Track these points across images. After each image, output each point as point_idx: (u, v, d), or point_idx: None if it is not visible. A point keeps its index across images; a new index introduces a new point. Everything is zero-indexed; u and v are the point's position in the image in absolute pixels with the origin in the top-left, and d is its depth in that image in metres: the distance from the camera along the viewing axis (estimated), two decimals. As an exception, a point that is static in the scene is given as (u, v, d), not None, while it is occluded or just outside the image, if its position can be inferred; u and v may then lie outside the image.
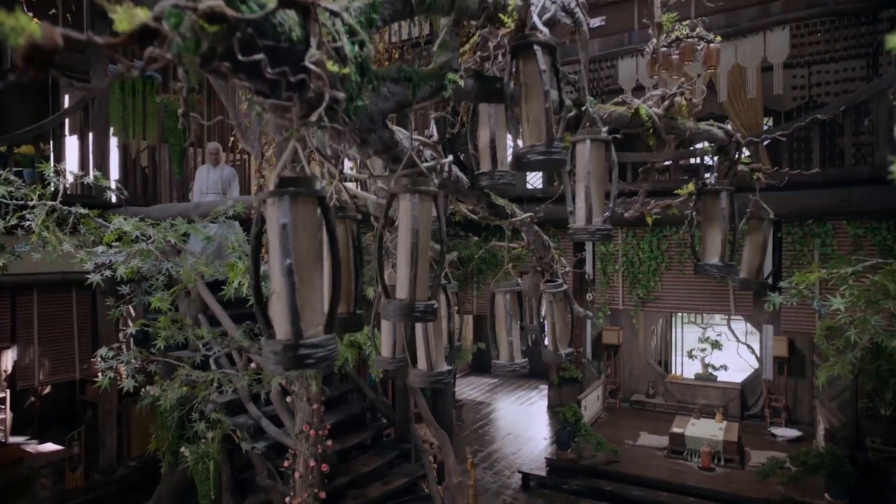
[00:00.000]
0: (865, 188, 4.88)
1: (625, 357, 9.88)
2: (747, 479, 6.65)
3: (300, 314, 1.18)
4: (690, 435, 7.26)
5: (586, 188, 2.04)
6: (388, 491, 5.51)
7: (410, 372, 2.11)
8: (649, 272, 5.83)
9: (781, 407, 8.56)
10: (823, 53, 7.71)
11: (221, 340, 4.27)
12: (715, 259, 2.38)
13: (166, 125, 5.86)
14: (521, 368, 2.53)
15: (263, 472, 5.40)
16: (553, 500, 6.78)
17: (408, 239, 1.55)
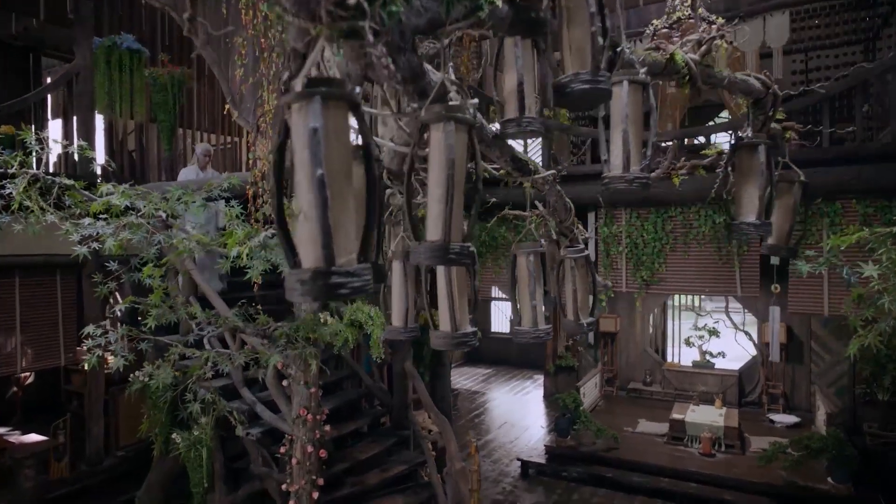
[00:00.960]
0: (874, 165, 4.79)
1: (622, 345, 9.79)
2: (748, 464, 6.59)
3: (332, 237, 1.01)
4: (691, 421, 7.18)
5: (623, 133, 1.88)
6: (387, 478, 5.35)
7: (432, 334, 1.95)
8: (653, 254, 5.72)
9: (779, 393, 8.52)
10: (823, 39, 7.63)
11: (215, 321, 4.08)
12: (752, 217, 2.23)
13: (155, 100, 5.61)
14: (545, 335, 2.38)
15: (258, 459, 5.22)
16: (553, 487, 6.67)
17: (442, 171, 1.38)
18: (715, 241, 5.52)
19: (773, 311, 5.17)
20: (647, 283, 5.82)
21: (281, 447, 4.79)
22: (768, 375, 8.69)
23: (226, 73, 5.07)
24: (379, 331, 4.27)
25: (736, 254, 5.47)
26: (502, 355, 13.55)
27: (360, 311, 4.16)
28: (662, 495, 6.34)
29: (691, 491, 6.27)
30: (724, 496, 6.13)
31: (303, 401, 4.68)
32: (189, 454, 4.98)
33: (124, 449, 6.90)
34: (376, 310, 4.28)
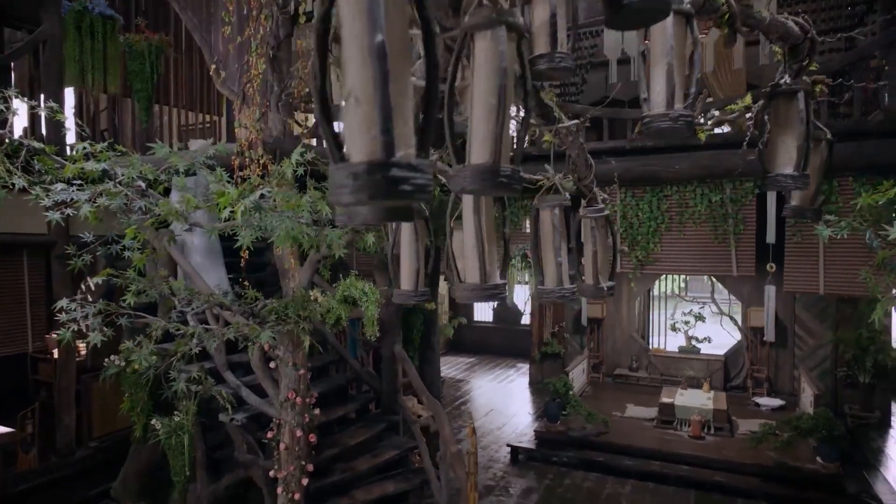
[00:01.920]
0: (875, 141, 4.76)
1: (608, 331, 9.76)
2: (738, 446, 6.59)
3: (392, 121, 0.83)
4: (680, 404, 7.16)
5: (668, 67, 1.72)
6: (378, 464, 5.18)
7: (458, 287, 1.78)
8: (649, 233, 5.63)
9: (763, 377, 8.60)
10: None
11: (199, 298, 3.84)
12: (788, 168, 2.11)
13: (131, 69, 5.29)
14: (570, 295, 2.23)
15: (243, 446, 4.99)
16: (544, 472, 6.58)
17: (492, 83, 1.21)
18: (711, 220, 5.46)
19: (769, 291, 5.13)
20: (642, 262, 5.73)
21: (268, 432, 4.57)
22: (753, 360, 8.75)
23: (208, 40, 4.80)
24: (373, 308, 4.09)
25: (732, 233, 5.41)
26: (485, 344, 13.45)
27: (353, 286, 3.97)
28: (654, 478, 6.30)
29: (682, 473, 6.24)
30: (714, 478, 6.11)
31: (291, 383, 4.47)
32: (170, 441, 4.73)
33: (98, 440, 6.58)
34: (370, 286, 4.09)
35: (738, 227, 5.34)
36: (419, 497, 5.29)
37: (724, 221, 5.38)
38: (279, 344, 4.50)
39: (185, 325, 3.54)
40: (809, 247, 5.14)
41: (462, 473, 4.56)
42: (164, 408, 5.16)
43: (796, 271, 5.20)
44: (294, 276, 4.37)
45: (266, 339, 3.49)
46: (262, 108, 4.19)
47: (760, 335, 8.64)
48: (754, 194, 5.27)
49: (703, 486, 6.08)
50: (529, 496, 5.98)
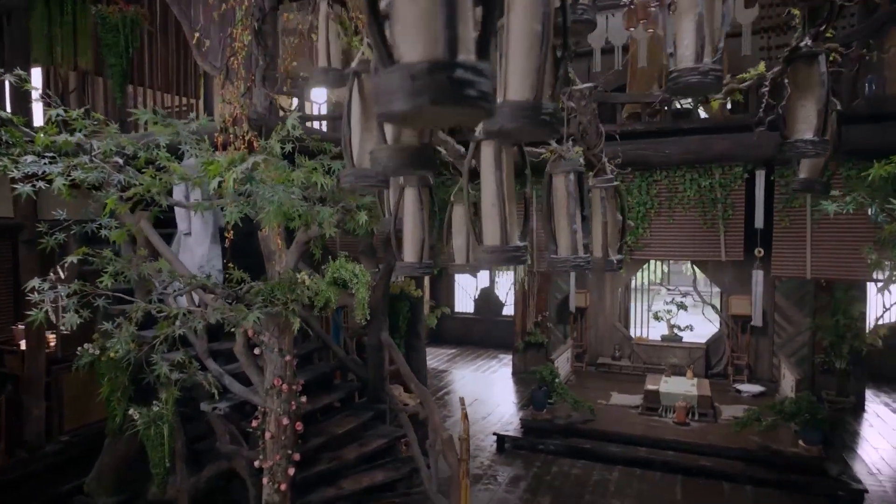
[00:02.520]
0: (859, 126, 4.80)
1: (591, 320, 9.78)
2: (722, 431, 6.64)
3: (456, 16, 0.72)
4: (665, 391, 7.19)
5: (698, 18, 1.63)
6: (366, 453, 5.06)
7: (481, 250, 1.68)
8: (638, 218, 5.60)
9: (744, 365, 8.70)
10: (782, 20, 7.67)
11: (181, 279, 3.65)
12: (808, 134, 2.05)
13: (105, 42, 5.01)
14: (585, 264, 2.15)
15: (225, 436, 4.83)
16: (531, 460, 6.54)
17: (536, 9, 1.10)
18: (700, 205, 5.45)
19: (756, 275, 5.15)
20: (632, 248, 5.70)
21: (252, 421, 4.41)
22: (733, 347, 8.86)
23: (187, 13, 4.58)
24: (364, 290, 3.96)
25: (721, 218, 5.41)
26: (466, 335, 13.37)
27: (343, 268, 3.83)
28: (640, 464, 6.31)
29: (668, 459, 6.26)
30: (700, 462, 6.14)
31: (277, 370, 4.31)
32: (149, 432, 4.54)
33: (69, 434, 6.31)
34: (360, 268, 3.96)
35: (727, 211, 5.35)
36: (408, 486, 5.19)
37: (713, 206, 5.38)
38: (264, 329, 4.34)
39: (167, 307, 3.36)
40: (797, 231, 5.18)
41: (454, 460, 4.47)
42: (142, 398, 4.96)
43: (784, 256, 5.23)
44: (280, 258, 4.21)
45: (252, 322, 3.34)
46: (247, 83, 4.02)
47: (741, 323, 8.76)
48: (743, 179, 5.28)
49: (689, 472, 6.11)
50: (517, 484, 5.93)
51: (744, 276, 8.80)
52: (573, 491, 5.78)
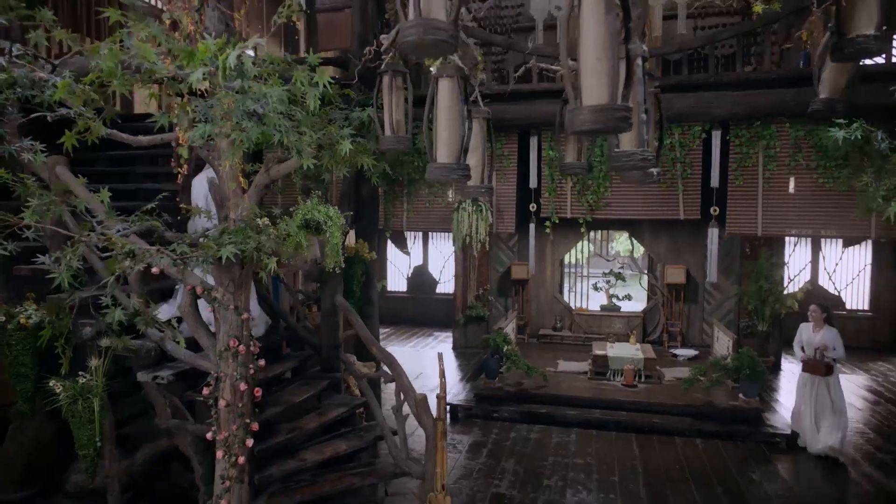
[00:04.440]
0: (810, 88, 4.99)
1: (532, 292, 9.82)
2: (668, 391, 6.85)
3: None
4: (613, 355, 7.32)
5: None
6: (326, 422, 4.68)
7: (576, 113, 1.42)
8: (599, 177, 5.58)
9: (677, 331, 9.08)
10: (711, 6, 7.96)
11: (126, 222, 3.11)
12: (870, 29, 1.97)
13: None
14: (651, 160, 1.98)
15: (166, 410, 4.27)
16: (488, 427, 6.41)
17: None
18: (659, 164, 5.49)
19: (712, 233, 5.28)
20: (593, 207, 5.67)
21: (203, 389, 3.90)
22: (668, 315, 9.22)
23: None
24: (339, 233, 3.58)
25: (680, 177, 5.49)
26: (399, 314, 13.07)
27: (316, 209, 3.44)
28: (595, 425, 6.37)
29: (622, 419, 6.36)
30: (652, 420, 6.29)
31: (233, 330, 3.84)
32: (74, 407, 3.90)
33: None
34: (335, 209, 3.57)
35: (686, 171, 5.44)
36: (372, 455, 4.87)
37: (672, 166, 5.46)
38: (217, 285, 3.85)
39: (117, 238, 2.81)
40: (749, 190, 5.37)
41: (429, 421, 4.21)
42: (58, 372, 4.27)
43: (737, 214, 5.40)
44: (236, 203, 3.72)
45: (227, 255, 2.89)
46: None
47: (675, 291, 9.12)
48: (701, 139, 5.39)
49: (642, 430, 6.24)
50: (479, 450, 5.77)
51: (678, 246, 9.19)
52: (535, 454, 5.71)
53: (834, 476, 5.34)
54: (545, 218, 5.78)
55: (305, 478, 4.37)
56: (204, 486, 4.30)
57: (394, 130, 2.50)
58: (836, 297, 10.75)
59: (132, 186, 5.63)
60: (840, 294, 10.85)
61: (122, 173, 5.86)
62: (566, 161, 2.88)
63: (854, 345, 10.35)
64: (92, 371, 3.99)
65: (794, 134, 5.23)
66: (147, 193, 4.55)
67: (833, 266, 10.90)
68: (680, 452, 5.74)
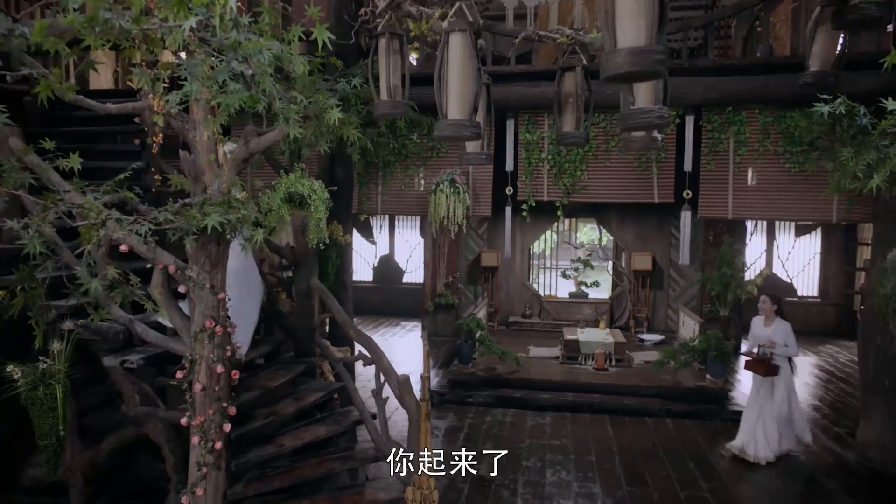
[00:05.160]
0: (780, 76, 5.15)
1: (502, 279, 9.85)
2: (638, 374, 6.99)
3: None
4: (584, 340, 7.41)
5: None
6: (304, 407, 4.54)
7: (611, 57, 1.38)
8: (576, 160, 5.61)
9: (643, 317, 9.28)
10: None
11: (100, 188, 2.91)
12: (875, -7, 2.01)
13: None
14: (665, 117, 1.95)
15: (134, 396, 4.05)
16: (463, 412, 6.39)
17: None
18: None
19: (684, 216, 5.39)
20: (570, 190, 5.70)
21: (176, 372, 3.72)
22: (634, 301, 9.41)
23: None
24: (323, 207, 3.47)
25: (654, 161, 5.58)
26: (364, 304, 12.86)
27: (299, 183, 3.31)
28: (569, 408, 6.43)
29: (595, 401, 6.45)
30: (624, 402, 6.41)
31: (209, 310, 3.67)
32: (35, 394, 3.65)
33: None
34: (319, 183, 3.45)
35: (660, 154, 5.53)
36: (351, 440, 4.77)
37: (647, 150, 5.53)
38: (192, 263, 3.68)
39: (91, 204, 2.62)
40: (720, 175, 5.50)
41: (413, 402, 4.15)
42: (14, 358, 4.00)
43: (709, 198, 5.53)
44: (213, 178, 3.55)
45: (213, 224, 2.74)
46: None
47: (641, 278, 9.32)
48: (675, 123, 5.48)
49: (615, 411, 6.34)
50: (456, 434, 5.74)
51: (645, 234, 9.38)
52: (512, 437, 5.72)
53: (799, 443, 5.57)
54: (521, 201, 5.77)
55: (284, 464, 4.23)
56: (176, 476, 4.12)
57: (390, 95, 2.39)
58: (788, 285, 11.23)
59: (93, 164, 5.31)
60: (792, 281, 11.32)
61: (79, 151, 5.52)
62: (564, 131, 2.86)
63: (804, 329, 10.87)
64: (54, 355, 3.75)
65: (762, 120, 5.38)
66: (109, 173, 4.29)
67: (786, 255, 11.36)
68: (652, 432, 5.86)
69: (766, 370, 5.05)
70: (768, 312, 5.20)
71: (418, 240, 12.42)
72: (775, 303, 5.19)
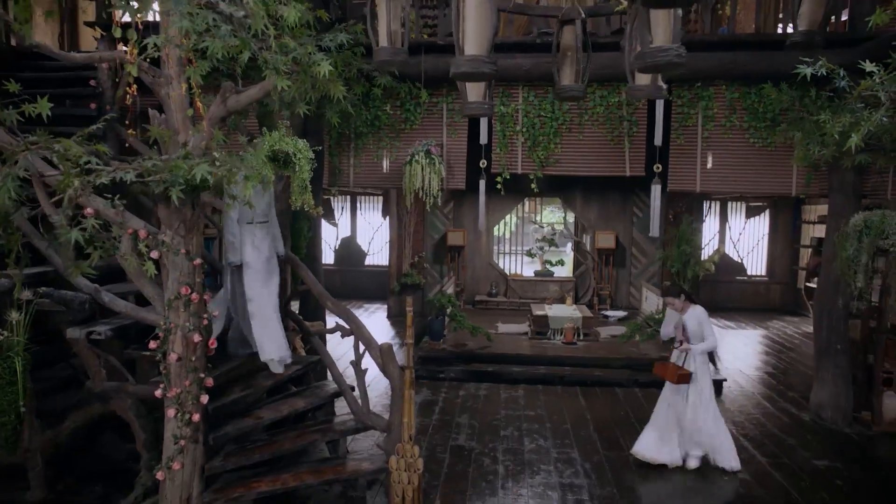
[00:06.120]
0: (747, 52, 5.31)
1: (468, 259, 9.86)
2: (606, 347, 7.15)
3: None
4: (553, 315, 7.51)
5: None
6: (280, 381, 4.41)
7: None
8: (550, 133, 5.63)
9: (606, 294, 9.49)
10: None
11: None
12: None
13: None
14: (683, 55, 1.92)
15: (100, 371, 3.84)
16: (436, 387, 6.38)
17: None
18: (608, 122, 5.65)
19: (655, 190, 5.49)
20: (544, 163, 5.73)
21: (149, 342, 3.53)
22: (598, 279, 9.60)
23: None
24: (307, 168, 3.34)
25: (626, 135, 5.67)
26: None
27: (283, 141, 3.18)
28: (541, 381, 6.52)
29: (566, 374, 6.55)
30: (594, 373, 6.54)
31: (185, 277, 3.50)
32: (-10, 369, 3.40)
33: None
34: (304, 142, 3.33)
35: (632, 129, 5.62)
36: (329, 413, 4.68)
37: (619, 124, 5.62)
38: (166, 228, 3.49)
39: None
40: (689, 149, 5.64)
41: (396, 371, 4.09)
42: None
43: (678, 171, 5.67)
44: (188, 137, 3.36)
45: (203, 174, 2.58)
46: None
47: (605, 257, 9.51)
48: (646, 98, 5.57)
49: (585, 383, 6.47)
50: (431, 408, 5.73)
51: (608, 214, 9.57)
52: (487, 409, 5.75)
53: (759, 407, 5.84)
54: (496, 174, 5.76)
55: (262, 437, 4.12)
56: (147, 454, 3.95)
57: (391, 42, 2.30)
58: (739, 264, 11.73)
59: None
60: (742, 261, 11.83)
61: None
62: (562, 84, 2.84)
63: (752, 307, 11.42)
64: (12, 326, 3.50)
65: (729, 96, 5.54)
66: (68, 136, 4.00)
67: (737, 235, 11.84)
68: (623, 401, 6.01)
69: (678, 376, 4.31)
70: (681, 307, 4.43)
71: (380, 221, 12.28)
72: (679, 292, 4.49)
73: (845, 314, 5.44)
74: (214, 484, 3.74)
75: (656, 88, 2.39)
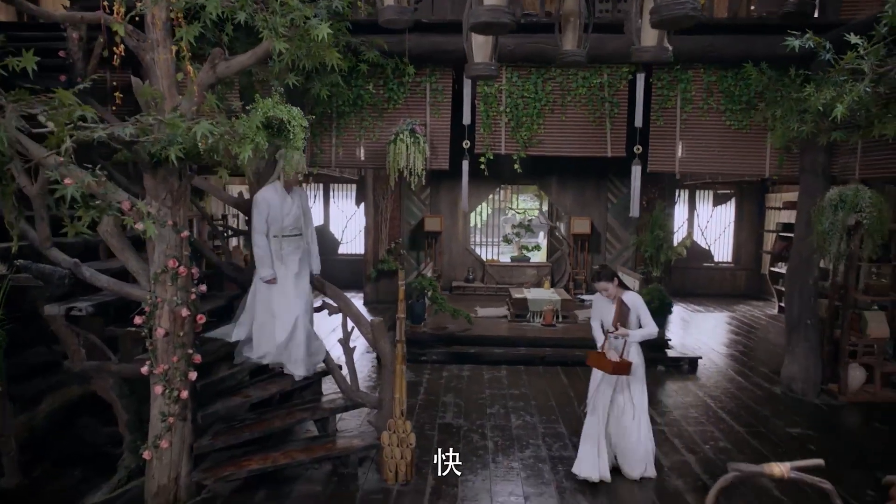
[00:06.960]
0: (725, 36, 5.44)
1: (445, 244, 9.86)
2: (584, 329, 7.18)
3: None
4: (533, 298, 7.58)
5: None
6: (267, 359, 4.33)
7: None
8: (532, 114, 5.66)
9: (582, 279, 9.63)
10: None
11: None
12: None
13: None
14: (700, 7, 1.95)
15: (79, 350, 3.69)
16: (419, 369, 6.36)
17: None
18: (590, 103, 5.71)
19: (635, 170, 5.58)
20: (527, 144, 5.76)
21: (135, 318, 3.42)
22: (573, 264, 9.73)
23: None
24: (301, 136, 3.27)
25: (608, 116, 5.74)
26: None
27: (277, 108, 3.10)
28: (523, 362, 6.59)
29: (546, 354, 6.63)
30: (574, 353, 6.61)
31: (172, 250, 3.40)
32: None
33: None
34: (298, 110, 3.25)
35: (613, 110, 5.70)
36: (316, 392, 4.61)
37: (601, 105, 5.68)
38: (152, 198, 3.39)
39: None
40: (669, 131, 5.75)
41: (387, 346, 4.07)
42: None
43: (658, 153, 5.77)
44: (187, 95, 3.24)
45: (204, 132, 2.49)
46: None
47: (580, 242, 9.64)
48: (628, 80, 5.65)
49: (566, 363, 6.56)
50: (416, 389, 5.71)
51: (584, 200, 9.70)
52: (471, 388, 5.77)
53: (733, 382, 6.03)
54: (479, 154, 5.76)
55: (251, 416, 4.04)
56: (130, 435, 3.83)
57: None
58: (706, 251, 12.06)
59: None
60: (710, 248, 12.16)
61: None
62: (565, 49, 2.85)
63: (719, 292, 11.77)
64: (-12, 301, 3.34)
65: (706, 79, 5.67)
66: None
67: (705, 223, 12.16)
68: (603, 379, 6.11)
69: (616, 366, 3.75)
70: (615, 293, 3.87)
71: (354, 209, 12.15)
72: (612, 277, 3.86)
73: (815, 291, 5.65)
74: (203, 463, 3.66)
75: (662, 49, 2.42)
